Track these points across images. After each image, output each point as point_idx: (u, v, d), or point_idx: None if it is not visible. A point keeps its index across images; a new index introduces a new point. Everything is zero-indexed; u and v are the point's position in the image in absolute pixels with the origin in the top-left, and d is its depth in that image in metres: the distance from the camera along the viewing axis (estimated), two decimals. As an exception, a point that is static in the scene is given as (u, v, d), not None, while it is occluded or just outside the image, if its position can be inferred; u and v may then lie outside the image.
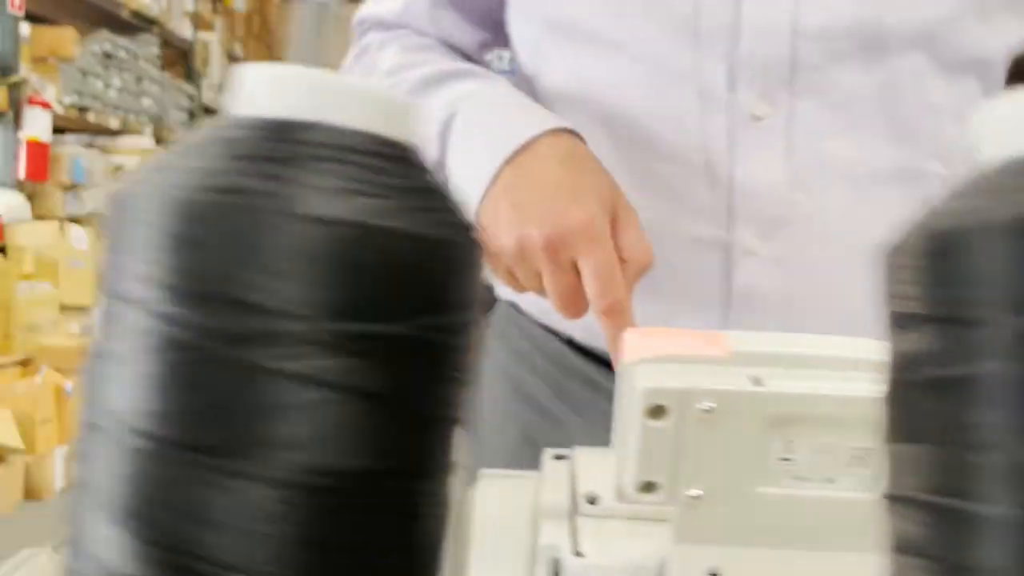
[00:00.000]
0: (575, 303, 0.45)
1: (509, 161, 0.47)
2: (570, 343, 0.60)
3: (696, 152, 0.52)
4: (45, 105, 3.11)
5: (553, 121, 0.49)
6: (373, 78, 0.58)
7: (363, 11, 0.66)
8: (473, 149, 0.50)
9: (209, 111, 6.08)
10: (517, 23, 0.59)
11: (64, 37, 3.40)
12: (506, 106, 0.52)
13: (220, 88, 6.13)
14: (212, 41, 6.09)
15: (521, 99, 0.54)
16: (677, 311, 0.52)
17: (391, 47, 0.60)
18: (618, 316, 0.44)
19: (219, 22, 6.13)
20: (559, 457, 0.37)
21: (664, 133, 0.52)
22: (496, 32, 0.62)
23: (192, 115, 5.67)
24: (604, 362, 0.57)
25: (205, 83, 5.89)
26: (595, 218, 0.44)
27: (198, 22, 5.63)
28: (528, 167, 0.47)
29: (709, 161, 0.52)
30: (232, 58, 6.49)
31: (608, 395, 0.59)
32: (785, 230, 0.52)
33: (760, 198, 0.52)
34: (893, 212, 0.22)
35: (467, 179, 0.49)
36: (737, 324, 0.51)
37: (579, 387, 0.60)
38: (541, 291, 0.47)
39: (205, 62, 5.97)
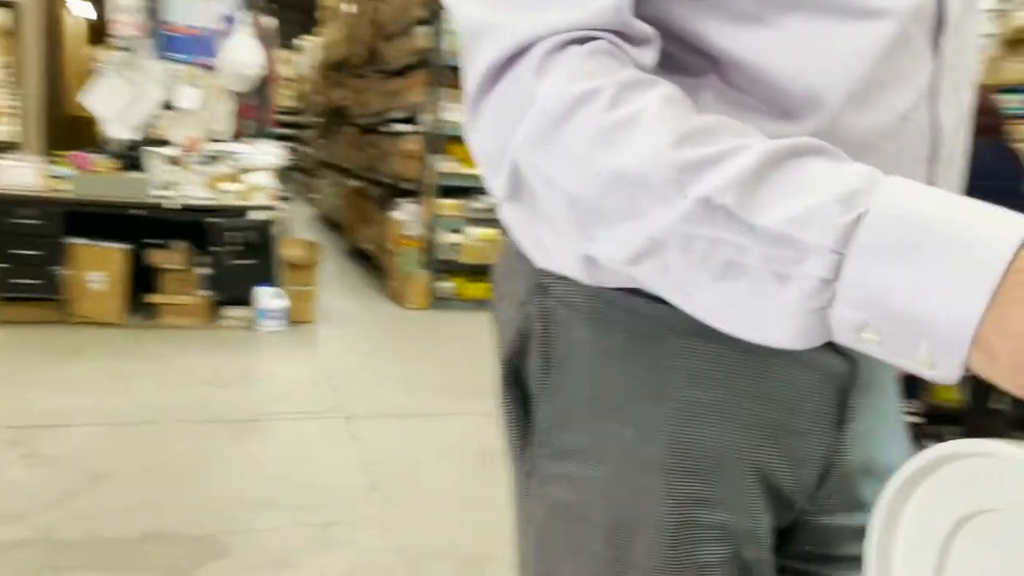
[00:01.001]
0: None
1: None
2: None
3: (914, 108, 0.61)
4: None
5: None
6: (649, 138, 0.49)
7: (544, 23, 0.52)
8: (951, 244, 0.42)
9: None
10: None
11: None
12: (949, 198, 0.44)
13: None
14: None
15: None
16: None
17: (646, 98, 0.50)
18: None
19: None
20: None
21: (892, 88, 0.59)
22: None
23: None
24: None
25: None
26: None
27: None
28: None
29: (928, 109, 0.61)
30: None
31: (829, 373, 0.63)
32: (953, 169, 0.65)
33: (945, 135, 0.63)
34: None
35: (953, 275, 0.41)
36: None
37: (801, 372, 0.64)
38: None
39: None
